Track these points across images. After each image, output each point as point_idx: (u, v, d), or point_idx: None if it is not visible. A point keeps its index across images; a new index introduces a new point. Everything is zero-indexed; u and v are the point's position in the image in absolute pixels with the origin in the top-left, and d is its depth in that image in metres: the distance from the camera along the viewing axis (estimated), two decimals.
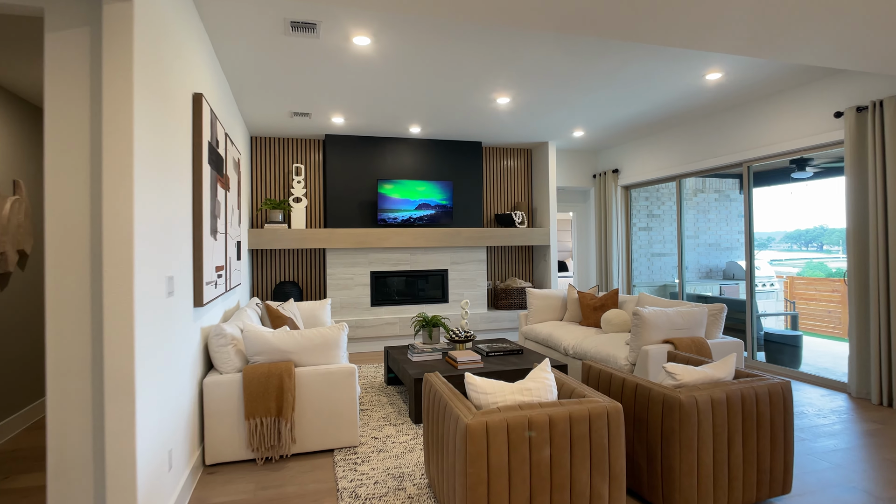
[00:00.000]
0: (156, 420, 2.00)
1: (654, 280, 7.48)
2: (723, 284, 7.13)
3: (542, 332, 4.92)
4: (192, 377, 2.63)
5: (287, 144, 6.11)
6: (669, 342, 3.59)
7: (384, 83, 4.20)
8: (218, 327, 2.84)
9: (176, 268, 2.31)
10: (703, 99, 4.79)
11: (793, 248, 5.63)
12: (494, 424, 1.88)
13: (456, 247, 6.39)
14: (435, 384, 2.37)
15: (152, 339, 1.97)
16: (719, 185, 7.36)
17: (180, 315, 2.40)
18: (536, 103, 4.85)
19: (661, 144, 6.23)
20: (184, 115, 2.52)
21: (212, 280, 2.96)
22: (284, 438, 2.79)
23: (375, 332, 5.89)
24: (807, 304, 5.65)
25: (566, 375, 2.45)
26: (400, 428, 3.33)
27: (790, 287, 5.87)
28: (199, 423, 2.78)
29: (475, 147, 6.54)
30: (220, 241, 3.29)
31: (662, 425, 2.21)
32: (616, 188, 6.99)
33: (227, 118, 3.97)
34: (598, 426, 2.00)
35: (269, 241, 5.57)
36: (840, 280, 5.33)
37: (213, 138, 3.03)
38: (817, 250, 5.52)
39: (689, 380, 2.31)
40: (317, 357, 2.99)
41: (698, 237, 7.21)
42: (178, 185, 2.39)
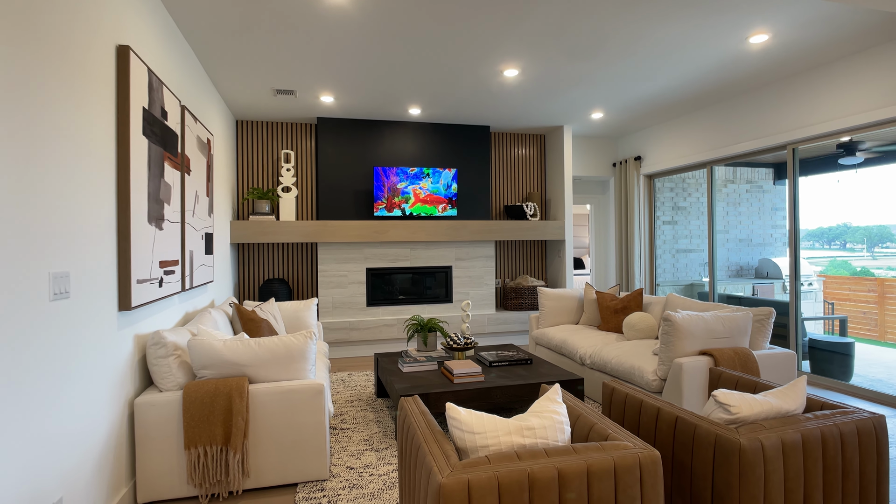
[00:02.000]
0: (25, 466, 1.49)
1: (680, 279, 6.84)
2: (756, 284, 6.48)
3: (555, 338, 4.34)
4: (115, 397, 2.13)
5: (275, 129, 5.61)
6: (708, 354, 3.00)
7: (372, 46, 3.65)
8: (156, 335, 2.33)
9: (78, 264, 1.80)
10: (744, 69, 4.15)
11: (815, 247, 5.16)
12: (480, 484, 1.33)
13: (461, 241, 5.83)
14: (410, 414, 1.82)
15: (16, 356, 1.46)
16: (752, 175, 6.69)
17: (90, 322, 1.89)
18: (549, 78, 4.26)
19: (690, 127, 5.58)
20: (98, 70, 2.01)
21: (152, 277, 2.46)
22: (233, 472, 2.27)
23: (372, 334, 5.37)
24: (840, 305, 5.18)
25: (582, 404, 1.88)
26: (382, 454, 2.79)
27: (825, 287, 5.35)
28: (128, 452, 2.27)
29: (482, 132, 5.96)
30: (171, 232, 2.79)
31: (714, 477, 1.63)
32: (638, 177, 6.36)
33: (188, 89, 3.46)
34: (626, 483, 1.43)
35: (254, 234, 5.08)
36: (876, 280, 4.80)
37: (155, 107, 2.52)
38: (840, 248, 5.17)
39: (748, 413, 1.73)
40: (278, 371, 2.47)
41: (728, 232, 6.56)
42: (84, 159, 1.88)
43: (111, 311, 2.08)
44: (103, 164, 2.03)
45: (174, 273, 2.83)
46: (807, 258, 5.22)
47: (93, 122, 1.94)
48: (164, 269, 2.66)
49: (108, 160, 2.08)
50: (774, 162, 6.38)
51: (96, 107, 1.97)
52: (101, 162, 2.01)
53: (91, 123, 1.93)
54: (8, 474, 1.41)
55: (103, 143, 2.03)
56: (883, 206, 4.52)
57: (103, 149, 2.03)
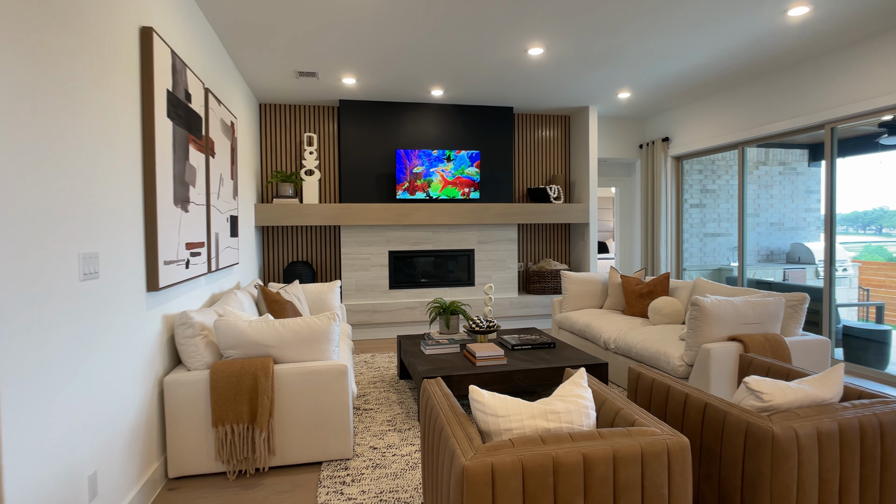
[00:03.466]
0: (61, 440, 1.54)
1: (707, 263, 6.68)
2: (787, 269, 6.28)
3: (578, 322, 4.30)
4: (145, 376, 2.18)
5: (298, 112, 5.61)
6: (737, 339, 2.92)
7: (394, 26, 3.59)
8: (184, 315, 2.38)
9: (107, 244, 1.83)
10: (781, 44, 3.96)
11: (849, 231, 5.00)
12: (504, 467, 1.32)
13: (483, 224, 5.78)
14: (433, 396, 1.82)
15: (51, 334, 1.49)
16: (785, 156, 6.45)
17: (119, 302, 1.93)
18: (575, 56, 4.14)
19: (721, 106, 5.38)
20: (123, 53, 2.01)
21: (178, 259, 2.49)
22: (260, 450, 2.32)
23: (394, 317, 5.40)
24: (875, 291, 5.05)
25: (608, 389, 1.85)
26: (405, 435, 2.82)
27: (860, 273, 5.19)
28: (159, 429, 2.34)
29: (506, 113, 5.86)
30: (197, 214, 2.82)
31: (744, 465, 1.59)
32: (666, 159, 6.18)
33: (212, 72, 3.47)
34: (654, 469, 1.41)
35: (277, 217, 5.12)
36: None
37: (179, 89, 2.53)
38: (876, 233, 4.99)
39: (781, 401, 1.67)
40: (302, 352, 2.49)
41: (759, 215, 6.36)
42: (111, 141, 1.90)
43: (140, 291, 2.12)
44: (129, 146, 2.05)
45: (200, 255, 2.88)
46: (841, 243, 5.04)
47: (118, 105, 1.96)
48: (191, 250, 2.70)
49: (134, 142, 2.10)
50: (810, 142, 6.13)
51: (121, 89, 1.99)
52: (127, 144, 2.03)
53: (116, 106, 1.94)
54: (45, 448, 1.46)
55: (128, 126, 2.05)
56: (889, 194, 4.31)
57: (128, 131, 2.05)
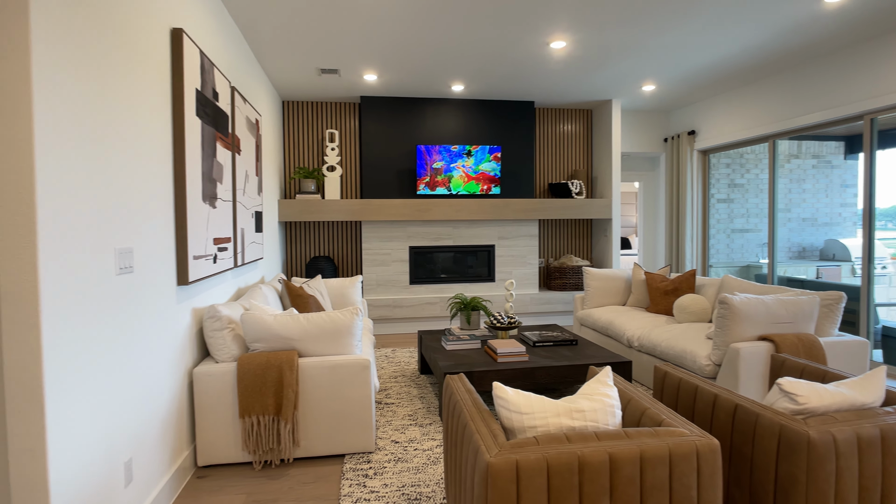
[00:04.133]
0: (99, 427, 1.58)
1: (735, 260, 6.52)
2: (821, 266, 6.09)
3: (601, 319, 4.25)
4: (176, 367, 2.23)
5: (320, 109, 5.65)
6: (768, 339, 2.84)
7: (415, 22, 3.58)
8: (212, 308, 2.42)
9: (140, 239, 1.87)
10: (817, 32, 3.82)
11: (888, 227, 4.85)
12: (528, 465, 1.31)
13: (504, 220, 5.75)
14: (456, 392, 1.82)
15: (89, 326, 1.53)
16: (819, 149, 6.24)
17: (152, 295, 1.97)
18: (598, 48, 4.07)
19: (751, 97, 5.23)
20: (155, 53, 2.05)
21: (207, 254, 2.54)
22: (284, 441, 2.36)
23: (414, 312, 5.42)
24: None
25: (633, 387, 1.82)
26: (427, 430, 2.83)
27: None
28: (189, 418, 2.39)
29: (527, 107, 5.80)
30: (224, 210, 2.87)
31: (778, 470, 1.55)
32: (692, 153, 6.05)
33: (238, 70, 3.51)
34: (682, 471, 1.38)
35: (300, 212, 5.18)
36: None
37: (207, 88, 2.57)
38: None
39: (817, 404, 1.62)
40: (326, 346, 2.52)
41: (790, 210, 6.18)
42: (144, 139, 1.94)
43: (171, 285, 2.17)
44: (161, 144, 2.09)
45: (227, 250, 2.92)
46: (880, 239, 4.87)
47: (150, 105, 1.99)
48: (218, 245, 2.74)
49: (165, 141, 2.14)
50: (846, 134, 5.92)
51: (153, 89, 2.02)
52: (159, 143, 2.07)
53: (149, 105, 1.98)
54: (86, 435, 1.50)
55: (160, 125, 2.09)
56: None
57: (160, 130, 2.09)
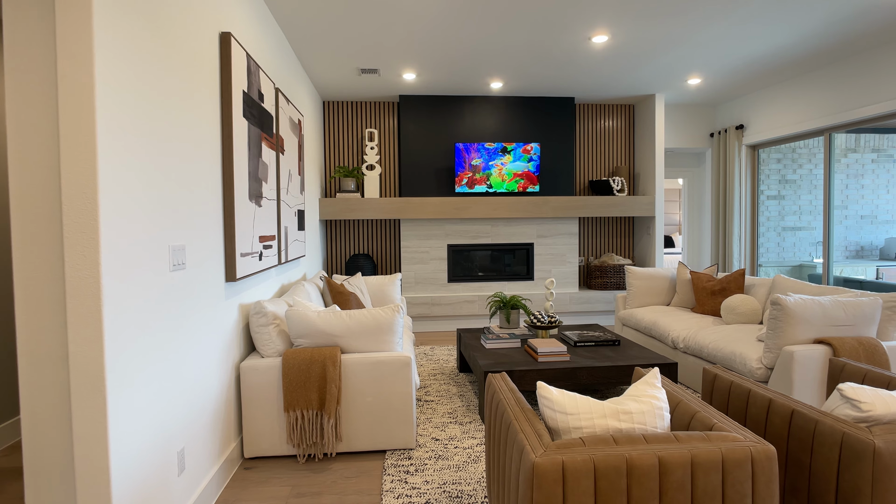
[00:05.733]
0: (154, 416, 1.66)
1: (786, 259, 6.23)
2: (882, 266, 5.76)
3: (644, 319, 4.14)
4: (224, 361, 2.31)
5: (360, 108, 5.73)
6: (825, 343, 2.71)
7: (454, 19, 3.58)
8: (258, 305, 2.49)
9: (192, 237, 1.95)
10: (877, 18, 3.60)
11: None
12: (575, 466, 1.29)
13: (543, 217, 5.68)
14: (499, 391, 1.81)
15: (145, 320, 1.61)
16: (879, 142, 5.90)
17: (202, 291, 2.05)
18: (641, 41, 3.96)
19: (804, 89, 4.99)
20: (205, 57, 2.12)
21: (253, 251, 2.62)
22: (328, 435, 2.40)
23: (452, 310, 5.43)
24: None
25: (682, 390, 1.77)
26: (466, 428, 2.83)
27: None
28: (236, 411, 2.47)
29: (567, 104, 5.71)
30: (268, 209, 2.95)
31: (839, 480, 1.47)
32: (740, 148, 5.82)
33: (281, 72, 3.60)
34: (736, 478, 1.33)
35: (340, 211, 5.27)
36: None
37: (253, 90, 2.65)
38: None
39: (883, 412, 1.53)
40: (367, 343, 2.55)
41: (847, 207, 5.87)
42: (195, 140, 2.01)
43: (219, 281, 2.25)
44: (210, 145, 2.17)
45: (272, 247, 3.01)
46: None
47: (201, 106, 2.07)
48: (263, 243, 2.82)
49: (214, 141, 2.22)
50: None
51: (203, 91, 2.10)
52: (208, 143, 2.15)
53: (199, 107, 2.05)
54: (144, 423, 1.58)
55: (209, 126, 2.17)
56: None
57: (209, 131, 2.17)
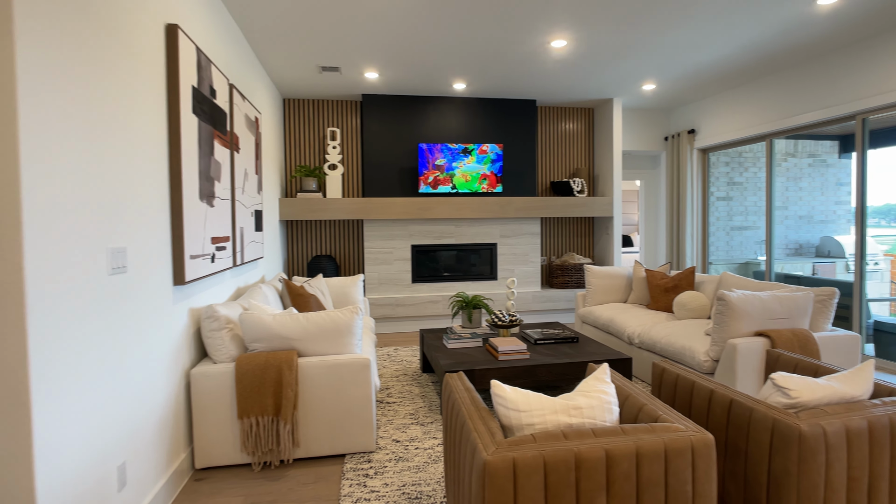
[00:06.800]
0: (90, 430, 1.60)
1: (734, 257, 6.53)
2: (816, 263, 6.11)
3: (602, 316, 4.26)
4: (172, 368, 2.24)
5: (322, 107, 5.66)
6: (764, 335, 2.86)
7: (416, 19, 3.59)
8: (210, 308, 2.43)
9: (134, 239, 1.89)
10: (810, 34, 3.82)
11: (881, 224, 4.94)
12: (526, 462, 1.33)
13: (506, 218, 5.76)
14: (455, 390, 1.83)
15: (80, 327, 1.55)
16: (815, 148, 6.26)
17: (146, 296, 1.99)
18: (598, 48, 4.07)
19: (749, 97, 5.24)
20: (149, 50, 2.06)
21: (204, 253, 2.55)
22: (284, 441, 2.37)
23: (417, 311, 5.43)
24: None
25: (631, 384, 1.83)
26: (428, 429, 2.84)
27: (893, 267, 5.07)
28: (186, 420, 2.40)
29: (528, 106, 5.81)
30: (222, 209, 2.88)
31: (771, 463, 1.56)
32: (692, 152, 6.05)
33: (236, 67, 3.52)
34: (678, 466, 1.39)
35: (301, 211, 5.19)
36: None
37: (204, 85, 2.58)
38: None
39: (809, 398, 1.63)
40: (325, 345, 2.53)
41: (787, 208, 6.20)
42: (139, 137, 1.95)
43: (166, 285, 2.18)
44: (155, 142, 2.10)
45: (226, 249, 2.94)
46: (873, 236, 4.90)
47: (144, 102, 2.00)
48: (216, 245, 2.75)
49: (160, 138, 2.15)
50: (840, 134, 5.93)
51: (147, 85, 2.03)
52: (153, 140, 2.08)
53: (143, 102, 1.99)
54: (75, 438, 1.51)
55: (155, 122, 2.10)
56: None
57: (155, 127, 2.10)
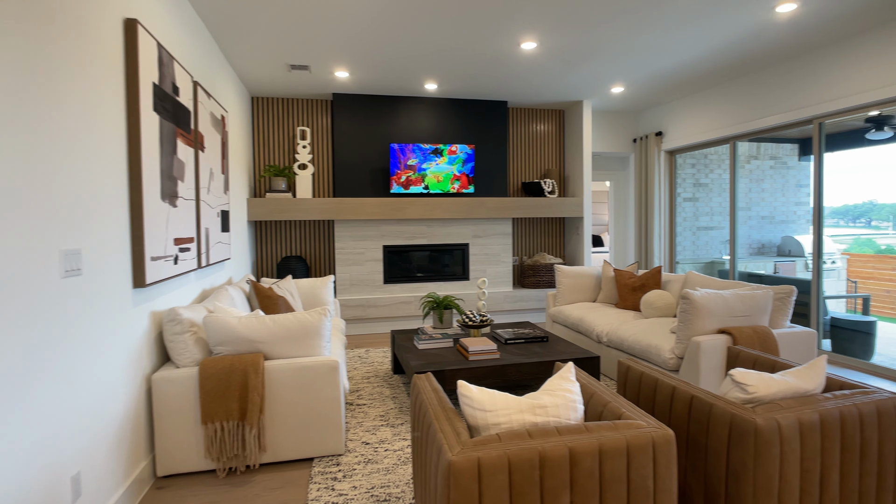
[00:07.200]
0: (41, 441, 1.53)
1: (700, 256, 6.72)
2: (778, 262, 6.34)
3: (571, 315, 4.31)
4: (132, 373, 2.17)
5: (291, 106, 5.58)
6: (726, 332, 2.94)
7: (386, 19, 3.57)
8: (172, 312, 2.37)
9: (90, 241, 1.82)
10: (770, 41, 3.96)
11: (840, 224, 5.16)
12: (490, 462, 1.33)
13: (478, 218, 5.78)
14: (422, 391, 1.83)
15: (28, 333, 1.48)
16: (776, 150, 6.49)
17: (103, 299, 1.92)
18: (568, 50, 4.13)
19: (713, 101, 5.39)
20: (106, 45, 1.99)
21: (167, 255, 2.48)
22: (250, 446, 2.32)
23: (389, 311, 5.40)
24: (863, 283, 5.16)
25: (597, 382, 1.86)
26: (398, 430, 2.83)
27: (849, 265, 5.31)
28: (147, 427, 2.33)
29: (500, 107, 5.85)
30: (186, 209, 2.81)
31: (729, 457, 1.61)
32: (659, 153, 6.19)
33: (201, 64, 3.44)
34: (639, 462, 1.42)
35: (270, 211, 5.10)
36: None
37: (166, 82, 2.51)
38: (865, 226, 5.11)
39: (765, 393, 1.69)
40: (293, 348, 2.49)
41: (750, 209, 6.41)
42: (95, 136, 1.88)
43: (125, 288, 2.11)
44: (113, 140, 2.03)
45: (190, 250, 2.86)
46: (831, 236, 5.11)
47: (101, 99, 1.94)
48: (180, 246, 2.68)
49: (119, 137, 2.08)
50: (800, 137, 6.16)
51: (104, 82, 1.97)
52: (112, 139, 2.02)
53: (100, 100, 1.92)
54: (24, 448, 1.45)
55: (113, 120, 2.03)
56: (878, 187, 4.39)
57: (113, 125, 2.03)
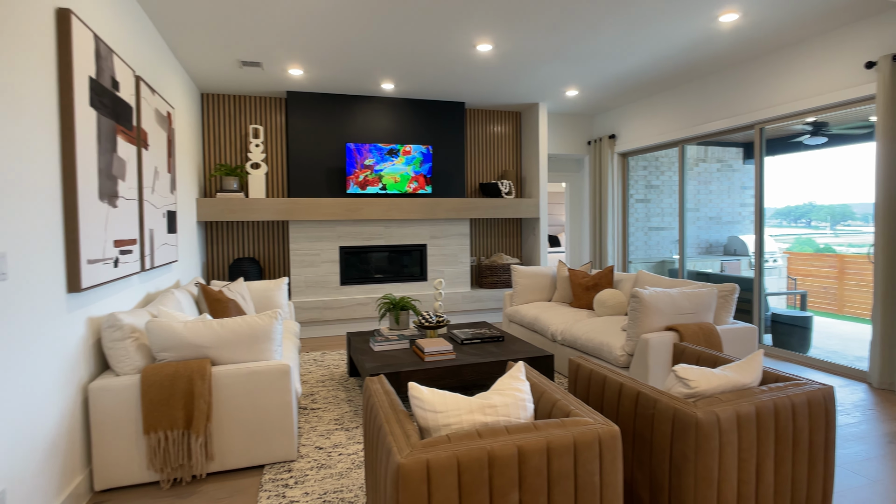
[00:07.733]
0: None
1: (652, 256, 6.95)
2: (724, 261, 6.64)
3: (527, 315, 4.37)
4: (65, 383, 2.05)
5: (243, 103, 5.42)
6: (674, 329, 3.05)
7: (340, 16, 3.52)
8: (111, 317, 2.25)
9: (15, 243, 1.70)
10: (715, 48, 4.14)
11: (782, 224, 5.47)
12: (440, 463, 1.33)
13: (436, 219, 5.78)
14: (374, 394, 1.80)
15: None
16: (722, 154, 6.80)
17: (32, 305, 1.80)
18: (522, 53, 4.19)
19: (662, 106, 5.59)
20: (34, 35, 1.87)
21: (105, 257, 2.36)
22: (196, 456, 2.23)
23: (345, 313, 5.33)
24: (803, 280, 5.46)
25: (547, 381, 1.89)
26: (353, 434, 2.78)
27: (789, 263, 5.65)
28: (83, 439, 2.21)
29: (457, 108, 5.87)
30: (127, 209, 2.67)
31: (672, 450, 1.66)
32: (612, 156, 6.37)
33: (145, 59, 3.30)
34: (586, 458, 1.45)
35: (221, 212, 4.93)
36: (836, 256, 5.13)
37: (104, 76, 2.38)
38: (805, 226, 5.40)
39: (706, 387, 1.76)
40: (242, 353, 2.41)
41: (699, 210, 6.68)
42: (21, 133, 1.76)
43: (58, 292, 1.99)
44: (44, 137, 1.91)
45: (132, 253, 2.73)
46: (773, 236, 5.40)
47: (30, 93, 1.82)
48: (120, 248, 2.55)
49: (51, 133, 1.96)
50: (744, 141, 6.48)
51: (34, 76, 1.85)
52: (42, 136, 1.90)
53: (28, 94, 1.80)
54: None
55: (44, 116, 1.91)
56: (845, 186, 4.67)
57: (45, 122, 1.91)
